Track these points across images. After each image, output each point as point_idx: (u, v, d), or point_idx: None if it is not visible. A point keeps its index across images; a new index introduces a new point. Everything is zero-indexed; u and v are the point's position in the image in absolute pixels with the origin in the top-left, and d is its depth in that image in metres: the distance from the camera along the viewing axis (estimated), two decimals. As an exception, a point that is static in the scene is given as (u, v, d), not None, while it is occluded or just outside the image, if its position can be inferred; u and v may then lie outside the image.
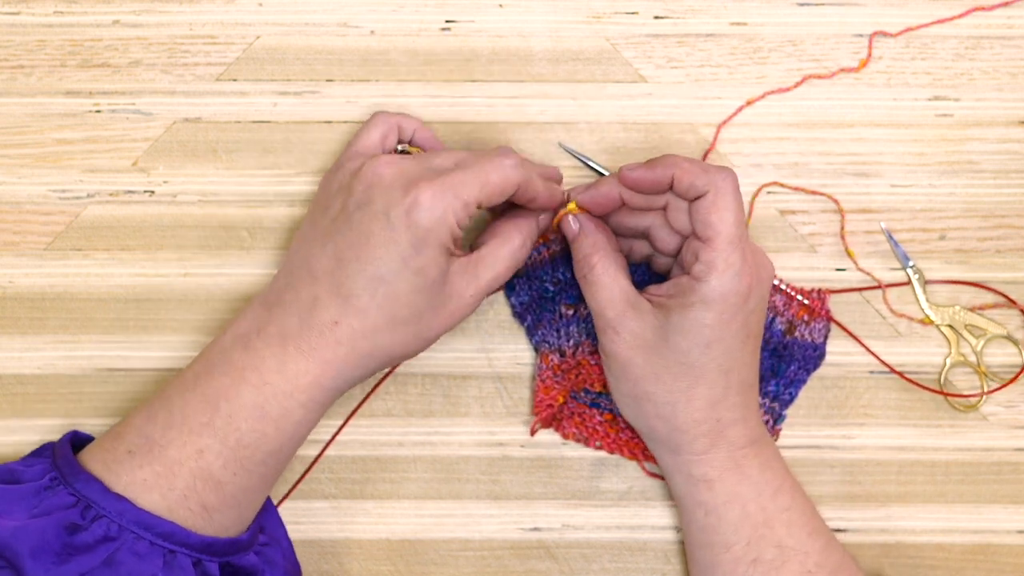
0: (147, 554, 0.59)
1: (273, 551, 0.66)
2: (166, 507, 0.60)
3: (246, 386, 0.61)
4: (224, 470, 0.60)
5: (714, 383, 0.64)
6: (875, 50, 0.73)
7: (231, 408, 0.61)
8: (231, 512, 0.61)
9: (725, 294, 0.62)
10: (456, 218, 0.62)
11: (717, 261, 0.62)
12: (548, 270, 0.70)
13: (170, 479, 0.60)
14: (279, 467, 0.63)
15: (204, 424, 0.61)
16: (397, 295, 0.62)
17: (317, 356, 0.62)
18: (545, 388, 0.70)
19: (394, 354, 0.63)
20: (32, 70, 0.73)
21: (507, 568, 0.72)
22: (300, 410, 0.62)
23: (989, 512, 0.72)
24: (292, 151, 0.73)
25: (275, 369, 0.61)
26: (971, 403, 0.72)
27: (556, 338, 0.70)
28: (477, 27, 0.73)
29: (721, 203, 0.62)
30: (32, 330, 0.72)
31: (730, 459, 0.65)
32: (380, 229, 0.61)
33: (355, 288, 0.62)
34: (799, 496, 0.66)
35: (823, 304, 0.71)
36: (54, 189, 0.72)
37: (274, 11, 0.73)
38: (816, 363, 0.71)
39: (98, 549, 0.58)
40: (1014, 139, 0.72)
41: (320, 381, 0.62)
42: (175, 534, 0.59)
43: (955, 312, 0.72)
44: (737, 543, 0.65)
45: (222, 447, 0.60)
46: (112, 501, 0.59)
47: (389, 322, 0.62)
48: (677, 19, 0.73)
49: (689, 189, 0.63)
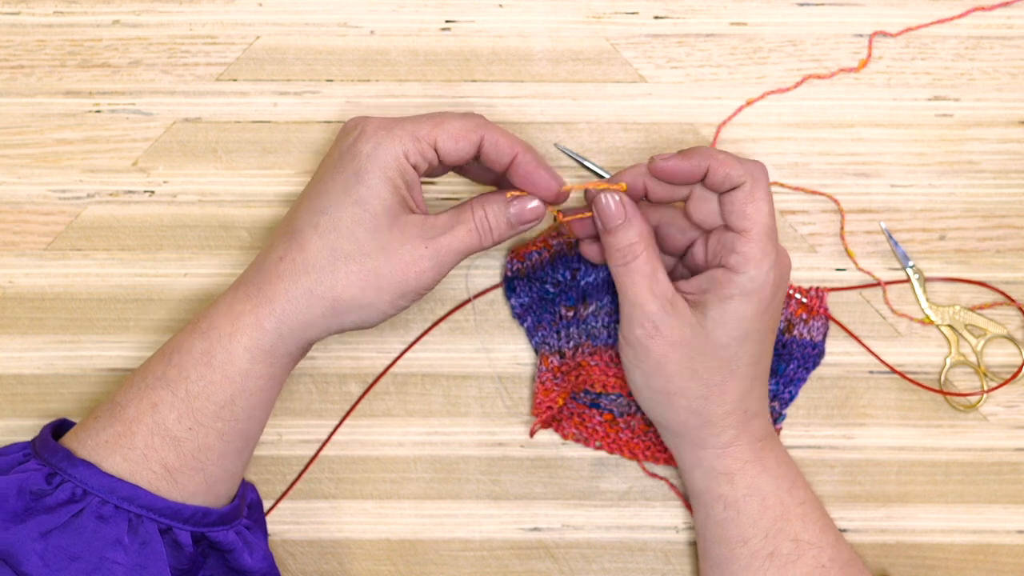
0: (111, 517, 0.59)
1: (256, 536, 0.65)
2: (128, 469, 0.60)
3: (196, 334, 0.62)
4: (179, 424, 0.61)
5: (744, 375, 0.64)
6: (875, 50, 0.73)
7: (181, 359, 0.61)
8: (195, 476, 0.61)
9: (762, 285, 0.62)
10: (405, 150, 0.61)
11: (754, 252, 0.62)
12: (548, 271, 0.70)
13: (129, 438, 0.60)
14: (239, 426, 0.62)
15: (158, 377, 0.61)
16: (337, 225, 0.61)
17: (260, 294, 0.61)
18: (545, 390, 0.70)
19: (338, 297, 0.61)
20: (32, 70, 0.73)
21: (507, 568, 0.72)
22: (244, 355, 0.61)
23: (989, 512, 0.72)
24: (292, 151, 0.73)
25: (222, 313, 0.62)
26: (971, 403, 0.72)
27: (556, 340, 0.70)
28: (477, 27, 0.73)
29: (758, 194, 0.62)
30: (32, 330, 0.72)
31: (751, 451, 0.65)
32: (330, 166, 0.62)
33: (300, 223, 0.62)
34: (810, 491, 0.67)
35: (821, 302, 0.71)
36: (54, 189, 0.72)
37: (274, 11, 0.73)
38: (815, 361, 0.71)
39: (60, 511, 0.59)
40: (1014, 139, 0.72)
41: (261, 321, 0.61)
42: (139, 497, 0.59)
43: (955, 312, 0.72)
44: (755, 536, 0.65)
45: (174, 398, 0.61)
46: (77, 466, 0.60)
47: (330, 256, 0.61)
48: (677, 19, 0.73)
49: (724, 180, 0.62)
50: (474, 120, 0.63)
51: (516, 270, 0.71)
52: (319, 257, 0.61)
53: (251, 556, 0.63)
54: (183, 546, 0.61)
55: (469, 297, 0.72)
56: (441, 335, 0.72)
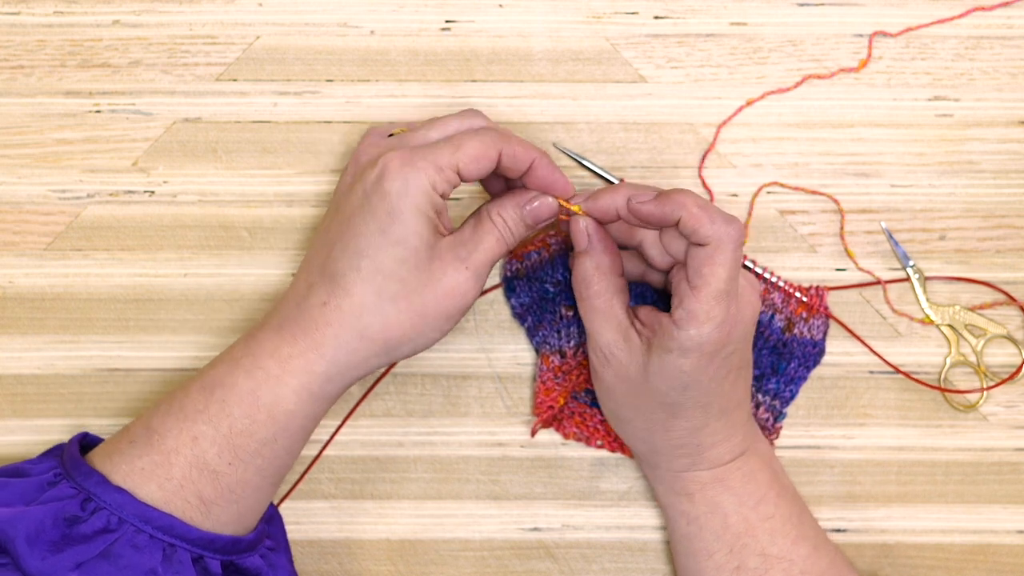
0: (146, 547, 0.59)
1: (278, 557, 0.65)
2: (163, 498, 0.60)
3: (240, 371, 0.62)
4: (219, 459, 0.60)
5: (692, 416, 0.64)
6: (875, 50, 0.73)
7: (225, 394, 0.61)
8: (230, 507, 0.61)
9: (702, 344, 0.61)
10: (432, 182, 0.61)
11: (699, 312, 0.61)
12: (548, 271, 0.70)
13: (167, 468, 0.60)
14: (276, 462, 0.63)
15: (199, 411, 0.61)
16: (380, 268, 0.61)
17: (308, 338, 0.62)
18: (546, 390, 0.70)
19: (390, 337, 0.62)
20: (32, 70, 0.73)
21: (507, 568, 0.72)
22: (292, 397, 0.61)
23: (989, 512, 0.72)
24: (292, 151, 0.73)
25: (268, 353, 0.62)
26: (970, 402, 0.72)
27: (557, 339, 0.70)
28: (477, 27, 0.73)
29: (719, 258, 0.61)
30: (32, 330, 0.72)
31: (710, 475, 0.66)
32: (358, 206, 0.62)
33: (340, 267, 0.62)
34: (784, 503, 0.66)
35: (821, 301, 0.71)
36: (54, 189, 0.72)
37: (274, 11, 0.73)
38: (816, 360, 0.71)
39: (96, 540, 0.58)
40: (1014, 139, 0.72)
41: (311, 366, 0.61)
42: (174, 527, 0.59)
43: (955, 312, 0.72)
44: (719, 551, 0.65)
45: (216, 434, 0.61)
46: (112, 493, 0.59)
47: (376, 298, 0.61)
48: (677, 19, 0.73)
49: (692, 235, 0.61)
50: (490, 136, 0.63)
51: (515, 270, 0.71)
52: (366, 300, 0.61)
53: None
54: (212, 574, 0.61)
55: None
56: (441, 335, 0.73)
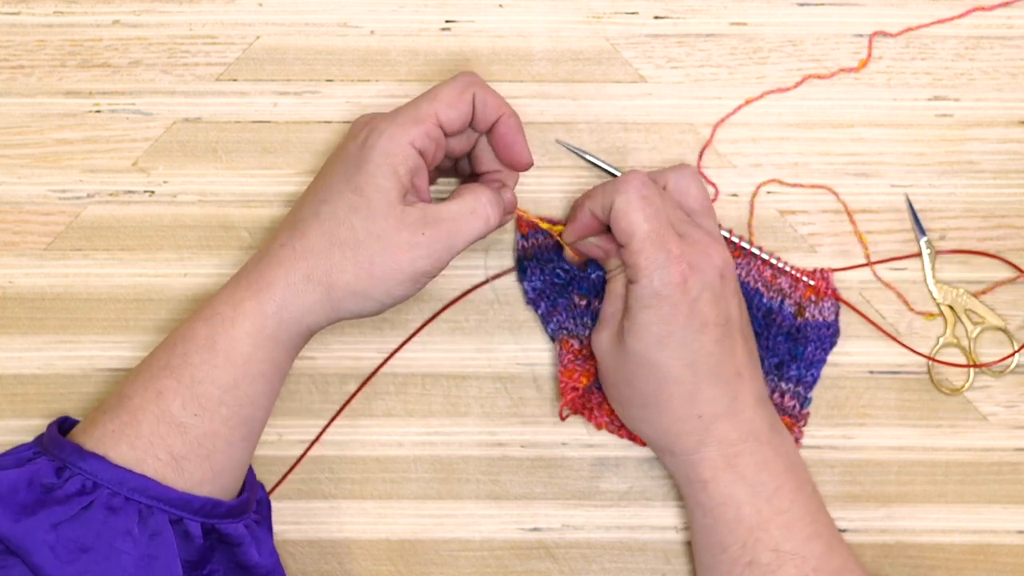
0: (122, 508, 0.59)
1: (264, 532, 0.65)
2: (135, 458, 0.60)
3: (199, 321, 0.63)
4: (184, 410, 0.61)
5: (680, 379, 0.64)
6: (875, 50, 0.73)
7: (186, 346, 0.62)
8: (202, 463, 0.61)
9: (657, 290, 0.63)
10: (410, 138, 0.62)
11: (639, 263, 0.63)
12: (556, 256, 0.71)
13: (135, 426, 0.61)
14: (242, 412, 0.62)
15: (162, 367, 0.62)
16: (335, 212, 0.62)
17: (260, 279, 0.62)
18: (568, 372, 0.70)
19: (333, 283, 0.62)
20: (32, 70, 0.73)
21: (507, 568, 0.72)
22: (246, 339, 0.62)
23: (989, 512, 0.72)
24: (292, 151, 0.73)
25: (224, 300, 0.63)
26: (955, 385, 0.71)
27: (573, 325, 0.70)
28: (477, 27, 0.73)
29: (626, 207, 0.63)
30: (32, 330, 0.72)
31: (722, 458, 0.65)
32: (338, 160, 0.64)
33: (303, 213, 0.63)
34: (800, 497, 0.66)
35: (828, 283, 0.71)
36: (54, 189, 0.72)
37: (274, 11, 0.73)
38: (832, 341, 0.71)
39: (71, 502, 0.59)
40: (1014, 139, 0.72)
41: (262, 306, 0.62)
42: (148, 488, 0.59)
43: (958, 295, 0.72)
44: (733, 545, 0.65)
45: (178, 385, 0.61)
46: (86, 459, 0.60)
47: (327, 242, 0.62)
48: (677, 19, 0.73)
49: (603, 212, 0.64)
50: (463, 79, 0.64)
51: (525, 249, 0.71)
52: (317, 243, 0.62)
53: (258, 551, 0.63)
54: (193, 537, 0.61)
55: (486, 279, 0.72)
56: (441, 335, 0.72)
